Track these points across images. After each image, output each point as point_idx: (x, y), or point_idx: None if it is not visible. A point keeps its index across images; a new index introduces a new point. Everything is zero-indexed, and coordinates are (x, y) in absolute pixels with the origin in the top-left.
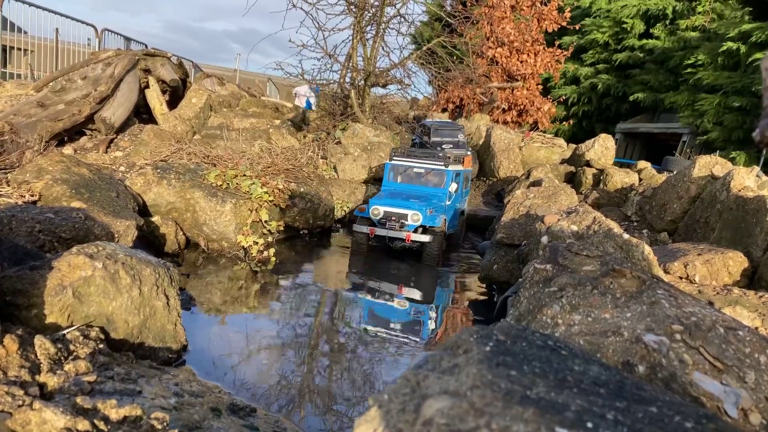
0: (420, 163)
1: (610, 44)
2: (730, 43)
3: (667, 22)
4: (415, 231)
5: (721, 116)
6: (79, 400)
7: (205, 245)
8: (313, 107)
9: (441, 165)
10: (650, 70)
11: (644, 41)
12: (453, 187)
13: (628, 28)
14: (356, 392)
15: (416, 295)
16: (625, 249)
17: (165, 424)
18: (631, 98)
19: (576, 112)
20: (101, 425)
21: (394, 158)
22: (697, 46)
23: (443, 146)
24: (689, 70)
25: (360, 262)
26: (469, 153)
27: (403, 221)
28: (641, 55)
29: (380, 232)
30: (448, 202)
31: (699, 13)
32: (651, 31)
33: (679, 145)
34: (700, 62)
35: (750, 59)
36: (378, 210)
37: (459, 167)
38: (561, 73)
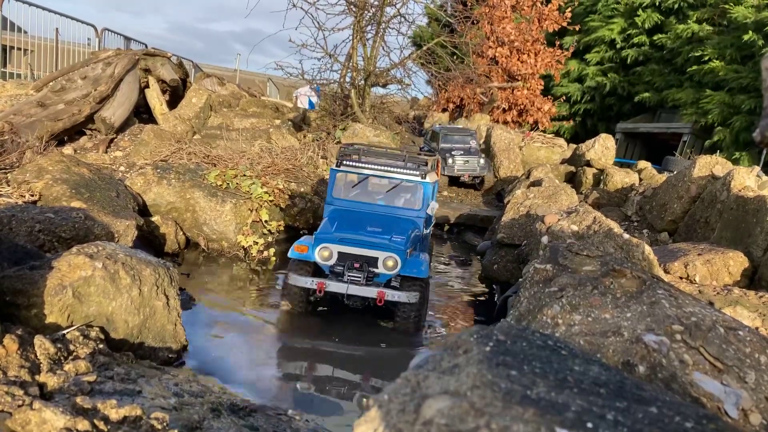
0: (382, 169)
1: (616, 41)
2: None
3: (681, 15)
4: (388, 283)
5: (727, 116)
6: (78, 400)
7: (205, 245)
8: (316, 107)
9: (415, 175)
10: (656, 69)
11: (656, 36)
12: (432, 207)
13: (640, 22)
14: (357, 391)
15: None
16: (625, 249)
17: (165, 424)
18: (636, 99)
19: (578, 111)
20: (101, 425)
21: (344, 162)
22: (708, 39)
23: (453, 153)
24: (695, 67)
25: (293, 336)
26: (482, 160)
27: (372, 269)
28: (651, 50)
29: (335, 287)
30: (426, 231)
31: (710, 5)
32: (663, 24)
33: (680, 145)
34: (707, 57)
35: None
36: (329, 252)
37: (435, 176)
38: (565, 71)
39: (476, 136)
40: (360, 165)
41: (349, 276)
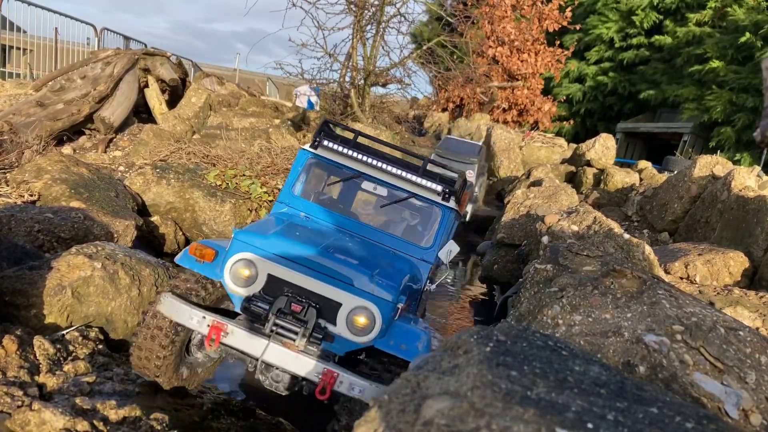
0: (385, 170)
1: (615, 41)
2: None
3: (678, 16)
4: (350, 359)
5: (731, 113)
6: (78, 400)
7: None
8: (316, 107)
9: (434, 192)
10: (658, 68)
11: (655, 38)
12: (448, 251)
13: (638, 22)
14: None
15: None
16: (625, 249)
17: (164, 424)
18: (641, 96)
19: (578, 111)
20: (100, 426)
21: (325, 143)
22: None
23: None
24: (696, 66)
25: None
26: (474, 189)
27: (324, 324)
28: (648, 53)
29: (242, 341)
30: (430, 286)
31: (709, 7)
32: (662, 25)
33: (680, 144)
34: (708, 56)
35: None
36: (252, 270)
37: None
38: (565, 72)
39: (480, 158)
40: (350, 154)
41: (276, 326)
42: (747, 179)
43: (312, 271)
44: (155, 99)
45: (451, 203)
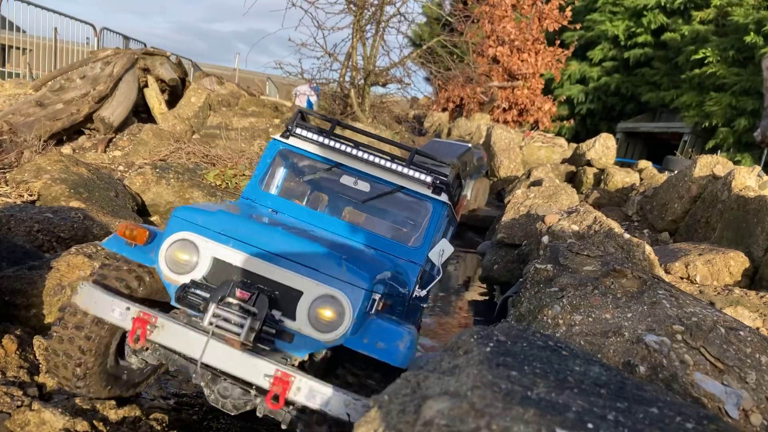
0: (367, 160)
1: (621, 39)
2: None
3: (686, 16)
4: (314, 363)
5: (731, 117)
6: (77, 400)
7: None
8: (315, 107)
9: (423, 184)
10: (660, 69)
11: (661, 36)
12: (441, 251)
13: (645, 23)
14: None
15: None
16: (626, 249)
17: (164, 424)
18: (643, 99)
19: (579, 111)
20: (100, 426)
21: (299, 132)
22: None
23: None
24: (696, 70)
25: None
26: (466, 194)
27: (279, 316)
28: (652, 51)
29: (175, 337)
30: (421, 293)
31: (714, 5)
32: (667, 25)
33: (681, 144)
34: (709, 59)
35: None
36: (193, 254)
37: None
38: (567, 73)
39: (464, 160)
40: (327, 143)
41: (217, 317)
42: (747, 179)
43: (267, 254)
44: (155, 99)
45: (443, 197)
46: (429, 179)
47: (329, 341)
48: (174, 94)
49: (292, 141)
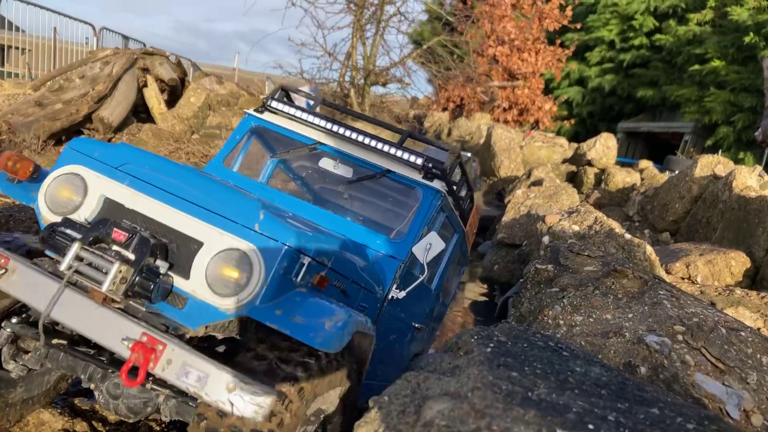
0: (352, 139)
1: (616, 42)
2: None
3: (678, 18)
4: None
5: (731, 114)
6: (77, 401)
7: None
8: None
9: (413, 167)
10: (658, 67)
11: (656, 37)
12: (426, 246)
13: (637, 26)
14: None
15: None
16: (626, 249)
17: (163, 425)
18: (639, 95)
19: (579, 112)
20: (99, 426)
21: (276, 107)
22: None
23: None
24: (696, 66)
25: None
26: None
27: (172, 272)
28: (648, 53)
29: (23, 287)
30: (399, 294)
31: (710, 7)
32: (661, 26)
33: (681, 144)
34: (708, 56)
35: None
36: (80, 190)
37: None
38: (565, 74)
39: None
40: (305, 118)
41: (79, 260)
42: (748, 179)
43: (169, 196)
44: (154, 99)
45: (436, 184)
46: (420, 161)
47: (230, 309)
48: (173, 94)
49: (267, 116)
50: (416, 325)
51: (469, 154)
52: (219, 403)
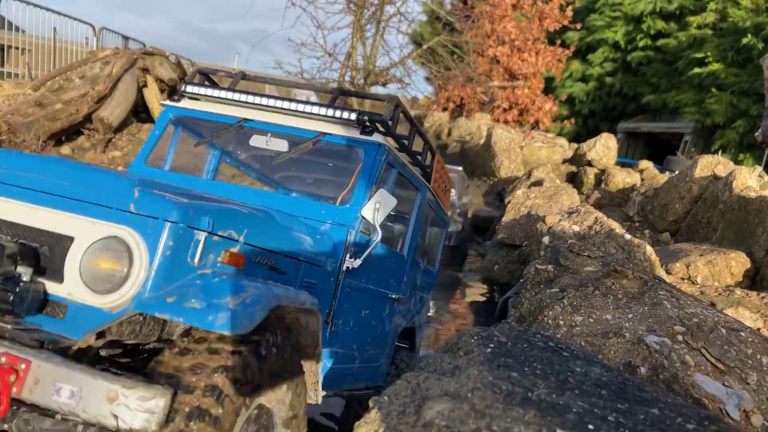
0: (278, 108)
1: (620, 43)
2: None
3: (682, 22)
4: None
5: (732, 116)
6: None
7: None
8: None
9: (349, 123)
10: (660, 69)
11: (660, 41)
12: (375, 206)
13: (645, 28)
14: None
15: None
16: (626, 249)
17: None
18: (643, 100)
19: (581, 111)
20: None
21: (193, 91)
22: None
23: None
24: (696, 69)
25: None
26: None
27: (44, 279)
28: (653, 54)
29: None
30: (354, 263)
31: (710, 10)
32: (663, 29)
33: (682, 144)
34: (708, 60)
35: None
36: None
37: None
38: (568, 72)
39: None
40: (226, 96)
41: None
42: (748, 179)
43: (29, 192)
44: (154, 99)
45: (377, 137)
46: (354, 116)
47: (116, 307)
48: (173, 94)
49: (185, 104)
50: (393, 296)
51: (459, 168)
52: (100, 418)
